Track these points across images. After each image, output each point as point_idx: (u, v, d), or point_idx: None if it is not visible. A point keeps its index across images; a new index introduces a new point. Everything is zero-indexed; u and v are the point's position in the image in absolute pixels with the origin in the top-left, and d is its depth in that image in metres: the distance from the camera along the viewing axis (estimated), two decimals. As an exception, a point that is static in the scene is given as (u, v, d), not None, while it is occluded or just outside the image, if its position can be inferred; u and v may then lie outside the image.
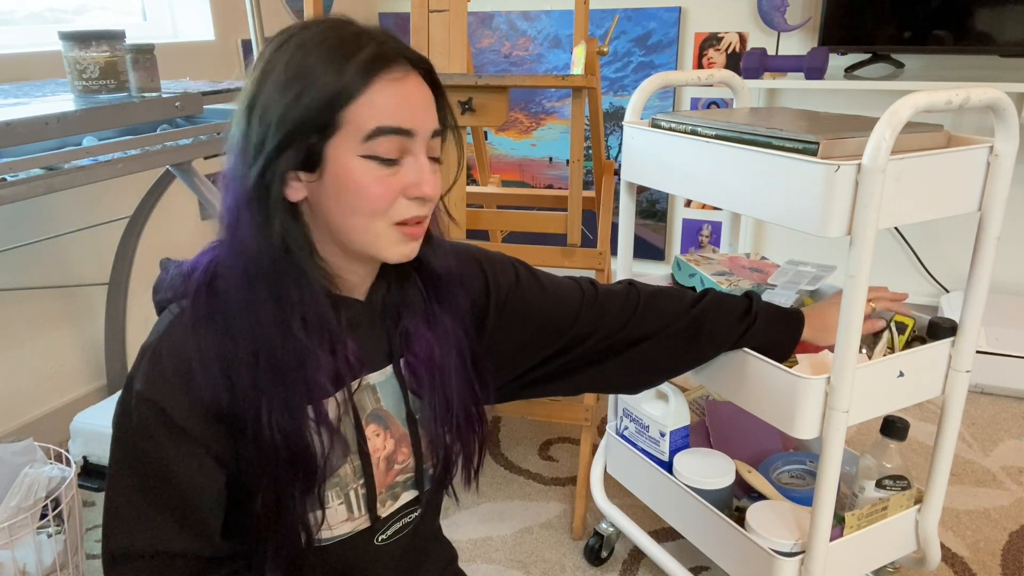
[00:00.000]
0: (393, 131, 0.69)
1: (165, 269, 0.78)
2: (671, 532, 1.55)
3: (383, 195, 0.70)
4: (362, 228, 0.72)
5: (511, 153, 2.93)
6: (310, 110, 0.68)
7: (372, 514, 0.82)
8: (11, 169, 1.19)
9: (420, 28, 1.62)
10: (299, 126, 0.68)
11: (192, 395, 0.70)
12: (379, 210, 0.71)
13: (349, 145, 0.69)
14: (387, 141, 0.69)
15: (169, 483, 0.72)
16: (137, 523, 0.73)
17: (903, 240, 2.51)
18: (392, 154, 0.70)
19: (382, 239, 0.72)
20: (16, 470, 1.28)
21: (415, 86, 0.71)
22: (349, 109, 0.68)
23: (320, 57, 0.68)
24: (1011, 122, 0.99)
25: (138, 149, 1.38)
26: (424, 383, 0.83)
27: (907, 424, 1.16)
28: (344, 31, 0.70)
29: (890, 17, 2.20)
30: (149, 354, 0.71)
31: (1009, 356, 2.06)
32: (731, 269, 1.30)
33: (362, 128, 0.68)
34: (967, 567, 1.49)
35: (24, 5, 1.94)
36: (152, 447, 0.71)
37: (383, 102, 0.69)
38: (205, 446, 0.72)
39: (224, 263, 0.72)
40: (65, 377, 1.98)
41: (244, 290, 0.71)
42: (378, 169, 0.70)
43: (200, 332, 0.71)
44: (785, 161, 0.97)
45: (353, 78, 0.68)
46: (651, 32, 2.60)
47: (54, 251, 1.90)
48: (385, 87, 0.69)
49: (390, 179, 0.70)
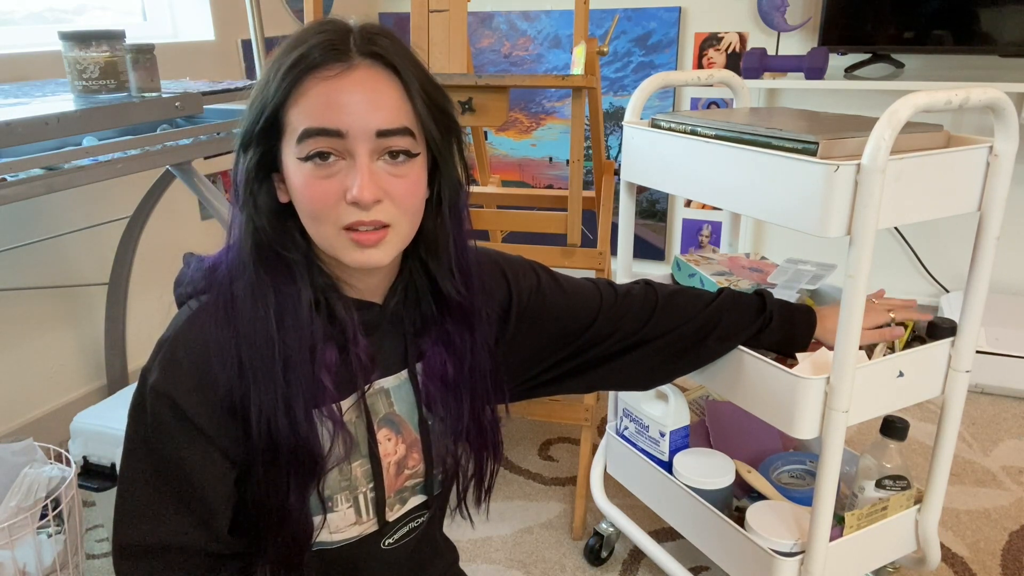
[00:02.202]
0: (319, 132, 0.66)
1: (187, 264, 0.79)
2: (671, 532, 1.55)
3: (318, 199, 0.68)
4: (315, 232, 0.71)
5: (511, 153, 2.93)
6: (260, 116, 0.69)
7: (380, 518, 0.82)
8: (11, 169, 1.19)
9: (420, 28, 1.62)
10: (258, 132, 0.69)
11: (207, 390, 0.70)
12: (320, 214, 0.69)
13: (290, 148, 0.69)
14: (314, 143, 0.67)
15: (181, 477, 0.72)
16: (147, 516, 0.73)
17: (903, 240, 2.51)
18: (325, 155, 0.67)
19: (336, 244, 0.70)
20: (16, 470, 1.28)
21: (355, 83, 0.67)
22: (286, 112, 0.68)
23: (275, 62, 0.69)
24: (1011, 122, 0.99)
25: (138, 149, 1.38)
26: (436, 399, 0.82)
27: (907, 424, 1.16)
28: (303, 32, 0.70)
29: (890, 17, 2.20)
30: (167, 348, 0.71)
31: (1009, 356, 2.06)
32: (731, 269, 1.30)
33: (295, 130, 0.68)
34: (967, 567, 1.49)
35: (24, 5, 1.94)
36: (165, 441, 0.71)
37: (310, 103, 0.67)
38: (217, 442, 0.72)
39: (233, 263, 0.73)
40: (65, 377, 1.98)
41: (249, 289, 0.72)
42: (313, 172, 0.68)
43: (218, 328, 0.71)
44: (785, 161, 0.97)
45: (284, 80, 0.67)
46: (651, 32, 2.60)
47: (54, 251, 1.90)
48: (314, 87, 0.67)
49: (326, 182, 0.68)
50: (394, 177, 0.69)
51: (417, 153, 0.71)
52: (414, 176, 0.71)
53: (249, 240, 0.72)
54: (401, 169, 0.70)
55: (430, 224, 0.77)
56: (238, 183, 0.72)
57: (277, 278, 0.72)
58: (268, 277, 0.72)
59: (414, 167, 0.71)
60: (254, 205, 0.72)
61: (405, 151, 0.69)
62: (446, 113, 0.74)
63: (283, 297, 0.72)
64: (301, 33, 0.70)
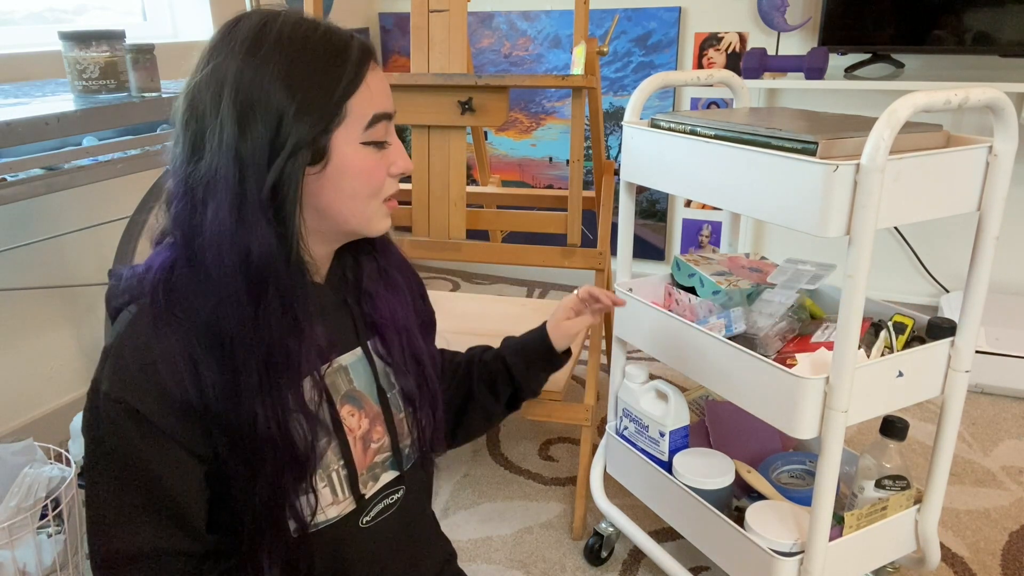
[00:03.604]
0: (385, 116, 0.76)
1: (117, 277, 0.77)
2: (671, 532, 1.55)
3: (380, 177, 0.77)
4: (360, 209, 0.77)
5: (511, 153, 2.93)
6: (319, 107, 0.71)
7: (356, 494, 0.83)
8: (11, 169, 1.19)
9: (420, 28, 1.62)
10: (312, 122, 0.71)
11: (159, 391, 0.70)
12: (377, 190, 0.77)
13: (352, 134, 0.74)
14: (382, 127, 0.76)
15: (149, 480, 0.71)
16: (120, 524, 0.72)
17: (903, 240, 2.51)
18: (384, 138, 0.77)
19: (374, 216, 0.79)
20: (16, 470, 1.28)
21: (383, 75, 0.78)
22: (351, 101, 0.73)
23: (318, 55, 0.71)
24: (1010, 122, 0.99)
25: (138, 149, 1.38)
26: (393, 344, 0.87)
27: (907, 424, 1.16)
28: (321, 29, 0.74)
29: (890, 17, 2.20)
30: (112, 355, 0.71)
31: (1009, 356, 2.06)
32: (731, 269, 1.31)
33: (363, 117, 0.74)
34: (967, 567, 1.49)
35: (24, 5, 1.94)
36: (126, 446, 0.70)
37: (375, 91, 0.75)
38: (179, 441, 0.71)
39: (187, 261, 0.72)
40: (65, 377, 1.98)
41: (221, 286, 0.70)
42: (375, 153, 0.76)
43: (162, 328, 0.71)
44: (784, 161, 0.97)
45: (352, 71, 0.73)
46: (651, 32, 2.60)
47: (54, 251, 1.90)
48: (373, 77, 0.75)
49: (382, 160, 0.77)
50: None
51: None
52: None
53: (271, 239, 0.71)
54: None
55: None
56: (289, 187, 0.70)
57: (278, 274, 0.72)
58: (268, 274, 0.72)
59: None
60: (299, 201, 0.72)
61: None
62: None
63: (275, 292, 0.72)
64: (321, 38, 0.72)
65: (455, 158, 1.61)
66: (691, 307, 1.28)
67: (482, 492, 1.75)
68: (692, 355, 1.20)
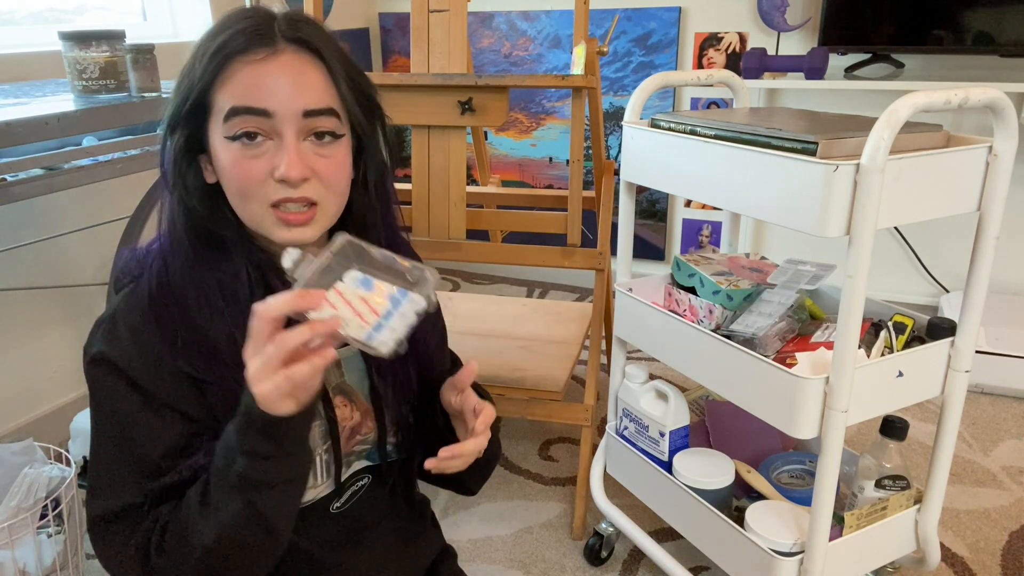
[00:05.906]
0: (246, 111, 0.70)
1: (122, 256, 0.81)
2: (671, 532, 1.55)
3: (246, 177, 0.71)
4: (243, 210, 0.74)
5: (511, 153, 2.93)
6: (187, 98, 0.71)
7: (336, 480, 0.84)
8: (11, 169, 1.19)
9: (420, 28, 1.62)
10: (184, 114, 0.72)
11: (148, 355, 0.72)
12: (248, 192, 0.72)
13: (217, 128, 0.72)
14: (242, 121, 0.70)
15: (135, 436, 0.73)
16: (109, 481, 0.74)
17: (903, 240, 2.51)
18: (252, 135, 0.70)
19: (264, 222, 0.73)
20: (16, 470, 1.28)
21: (281, 66, 0.71)
22: (213, 94, 0.71)
23: (200, 46, 0.72)
24: (1010, 122, 0.99)
25: (138, 149, 1.38)
26: (386, 365, 0.85)
27: (907, 424, 1.16)
28: (227, 19, 0.73)
29: (890, 17, 2.20)
30: (105, 323, 0.74)
31: (1009, 356, 2.06)
32: (731, 269, 1.30)
33: (222, 110, 0.71)
34: (967, 567, 1.49)
35: (24, 5, 1.94)
36: (117, 403, 0.73)
37: (237, 84, 0.70)
38: (167, 402, 0.73)
39: (167, 248, 0.76)
40: (65, 377, 1.98)
41: (187, 267, 0.75)
42: (241, 150, 0.71)
43: (155, 304, 0.74)
44: (784, 161, 0.97)
45: (211, 63, 0.70)
46: (651, 32, 2.60)
47: (54, 251, 1.90)
48: (240, 70, 0.70)
49: (254, 161, 0.71)
50: (321, 157, 0.73)
51: (342, 134, 0.74)
52: (340, 156, 0.75)
53: (182, 220, 0.75)
54: (327, 149, 0.73)
55: (358, 203, 0.80)
56: (166, 165, 0.75)
57: (214, 255, 0.75)
58: (206, 253, 0.74)
59: (340, 148, 0.74)
60: (184, 186, 0.74)
61: (331, 132, 0.73)
62: (369, 97, 0.78)
63: (222, 274, 0.75)
64: (225, 19, 0.73)
65: (455, 158, 1.61)
66: (691, 307, 1.28)
67: (482, 492, 1.75)
68: (692, 355, 1.20)
